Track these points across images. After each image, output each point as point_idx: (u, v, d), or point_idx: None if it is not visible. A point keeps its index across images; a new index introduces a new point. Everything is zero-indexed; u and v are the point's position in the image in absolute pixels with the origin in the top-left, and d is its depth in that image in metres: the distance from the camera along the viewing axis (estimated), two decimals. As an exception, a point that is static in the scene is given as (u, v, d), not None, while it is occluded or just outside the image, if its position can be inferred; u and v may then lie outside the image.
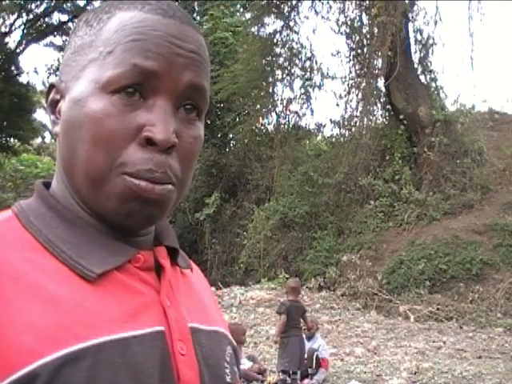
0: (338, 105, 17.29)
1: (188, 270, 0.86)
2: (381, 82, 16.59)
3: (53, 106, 0.80)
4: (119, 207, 0.74)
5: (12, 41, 22.93)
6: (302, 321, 7.84)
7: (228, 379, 0.80)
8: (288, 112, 19.28)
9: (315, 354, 8.07)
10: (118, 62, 0.73)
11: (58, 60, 22.14)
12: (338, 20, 16.98)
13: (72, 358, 0.64)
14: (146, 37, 0.73)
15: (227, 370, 0.80)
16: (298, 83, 19.02)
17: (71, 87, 0.76)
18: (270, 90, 19.01)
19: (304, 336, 7.94)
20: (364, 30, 16.71)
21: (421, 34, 16.53)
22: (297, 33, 18.20)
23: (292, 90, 18.93)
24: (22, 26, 21.08)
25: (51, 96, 0.80)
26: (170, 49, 0.74)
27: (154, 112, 0.73)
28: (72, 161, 0.75)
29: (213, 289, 14.07)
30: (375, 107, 16.83)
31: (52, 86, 0.80)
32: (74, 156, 0.75)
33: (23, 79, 21.96)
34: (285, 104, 19.09)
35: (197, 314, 0.80)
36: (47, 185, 0.82)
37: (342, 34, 16.98)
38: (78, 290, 0.70)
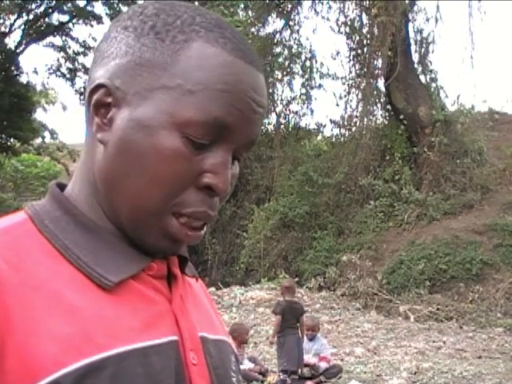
0: (337, 105, 17.29)
1: (193, 279, 0.86)
2: (381, 82, 16.60)
3: (99, 107, 0.74)
4: (156, 243, 0.74)
5: (12, 41, 22.97)
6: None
7: None
8: (288, 112, 19.31)
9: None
10: (200, 107, 0.70)
11: (58, 60, 22.14)
12: (337, 20, 17.00)
13: (94, 367, 0.64)
14: (232, 89, 0.71)
15: (234, 380, 0.81)
16: (297, 83, 19.06)
17: (133, 102, 0.72)
18: (270, 90, 19.01)
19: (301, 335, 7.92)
20: (364, 30, 16.71)
21: (421, 34, 16.55)
22: (297, 33, 18.23)
23: (292, 90, 18.96)
24: (22, 26, 21.06)
25: (98, 96, 0.74)
26: (249, 105, 0.73)
27: (218, 161, 0.73)
28: (119, 184, 0.73)
29: (213, 289, 14.07)
30: (375, 107, 16.84)
31: (101, 86, 0.74)
32: (124, 181, 0.72)
33: (23, 79, 21.93)
34: (285, 104, 19.12)
35: (204, 323, 0.80)
36: (61, 186, 0.79)
37: (342, 33, 17.00)
38: (95, 299, 0.69)
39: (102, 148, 0.74)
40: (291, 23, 18.04)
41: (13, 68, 21.39)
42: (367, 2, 16.43)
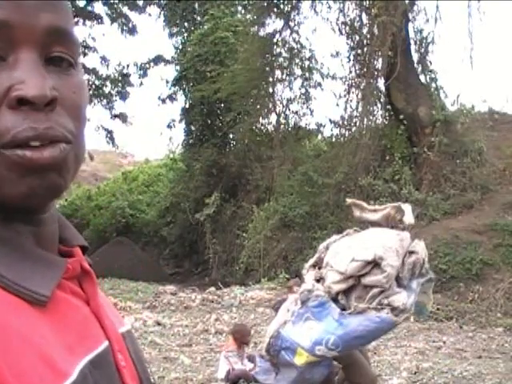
0: (337, 105, 17.30)
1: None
2: (381, 82, 16.62)
3: None
4: (15, 188, 0.62)
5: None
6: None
7: (152, 380, 0.77)
8: (288, 112, 19.32)
9: None
10: None
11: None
12: (337, 20, 17.01)
13: None
14: None
15: (148, 370, 0.77)
16: (297, 83, 19.06)
17: None
18: (270, 90, 19.01)
19: None
20: (364, 30, 16.71)
21: (421, 34, 16.56)
22: (297, 33, 18.24)
23: (292, 90, 18.97)
24: (22, 26, 21.11)
25: None
26: None
27: (19, 68, 0.62)
28: None
29: (213, 288, 14.08)
30: (375, 107, 16.85)
31: None
32: None
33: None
34: (285, 104, 19.14)
35: (114, 317, 0.75)
36: None
37: (342, 33, 17.01)
38: (34, 321, 0.61)
39: None
40: (291, 23, 18.05)
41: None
42: (367, 2, 16.43)
